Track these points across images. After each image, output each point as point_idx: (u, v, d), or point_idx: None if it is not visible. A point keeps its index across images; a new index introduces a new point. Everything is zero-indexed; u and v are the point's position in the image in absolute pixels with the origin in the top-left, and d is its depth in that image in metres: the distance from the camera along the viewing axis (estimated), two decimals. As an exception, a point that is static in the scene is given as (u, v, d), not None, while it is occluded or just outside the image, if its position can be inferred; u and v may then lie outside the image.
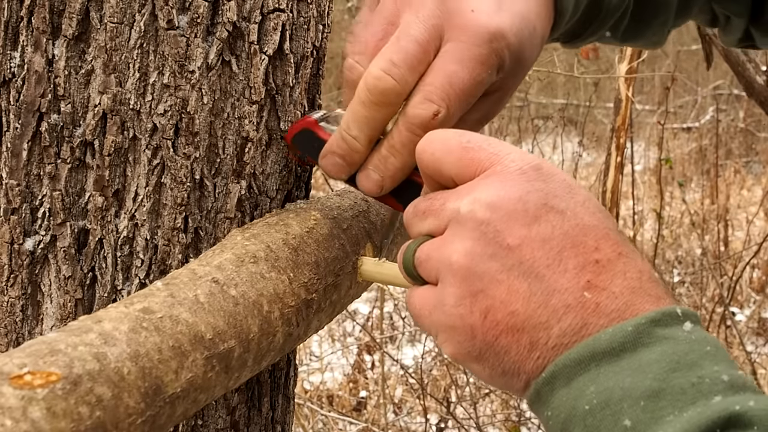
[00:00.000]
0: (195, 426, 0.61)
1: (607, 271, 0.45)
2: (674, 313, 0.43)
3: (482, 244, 0.46)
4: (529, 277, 0.45)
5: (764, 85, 2.54)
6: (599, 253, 0.45)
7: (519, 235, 0.45)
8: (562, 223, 0.46)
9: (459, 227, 0.47)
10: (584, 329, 0.44)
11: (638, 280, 0.45)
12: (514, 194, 0.46)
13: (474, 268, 0.46)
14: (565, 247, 0.45)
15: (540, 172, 0.47)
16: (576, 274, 0.45)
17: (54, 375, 0.39)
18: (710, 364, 0.41)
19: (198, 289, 0.49)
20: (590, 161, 6.98)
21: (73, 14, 0.57)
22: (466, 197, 0.47)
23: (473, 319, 0.46)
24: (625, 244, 0.46)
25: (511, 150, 0.48)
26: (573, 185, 0.48)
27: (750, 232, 4.69)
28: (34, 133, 0.59)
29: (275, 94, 0.62)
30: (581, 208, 0.46)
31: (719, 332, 3.40)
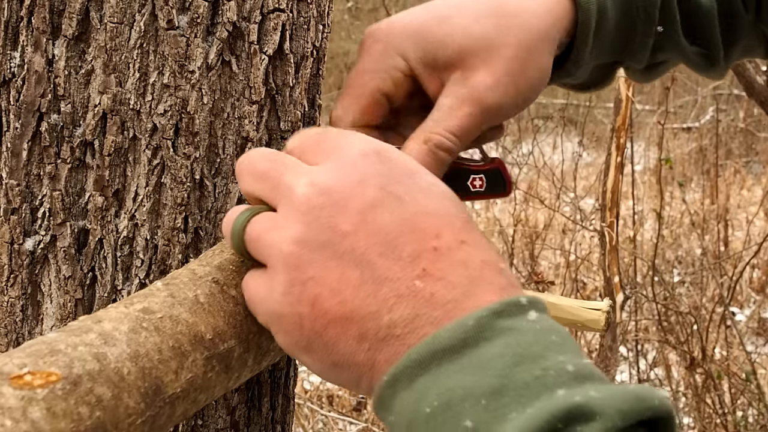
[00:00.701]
0: (195, 426, 0.61)
1: (446, 259, 0.43)
2: (518, 302, 0.41)
3: (314, 230, 0.44)
4: (361, 265, 0.43)
5: (764, 85, 2.54)
6: (438, 241, 0.43)
7: (353, 221, 0.43)
8: (401, 210, 0.44)
9: (292, 209, 0.45)
10: (417, 320, 0.42)
11: (479, 270, 0.43)
12: (352, 178, 0.45)
13: (304, 256, 0.44)
14: (401, 234, 0.43)
15: (381, 156, 0.46)
16: (410, 262, 0.43)
17: (54, 375, 0.39)
18: (555, 355, 0.39)
19: (198, 289, 0.49)
20: (590, 161, 6.98)
21: (73, 14, 0.57)
22: (303, 177, 0.45)
23: (301, 308, 0.44)
24: (470, 232, 0.45)
25: (356, 137, 0.48)
26: (417, 170, 0.46)
27: (750, 232, 4.68)
28: (34, 133, 0.59)
29: (275, 94, 0.62)
30: (423, 194, 0.45)
31: (719, 332, 3.40)
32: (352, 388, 0.46)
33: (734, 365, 3.43)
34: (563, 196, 4.31)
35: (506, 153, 5.38)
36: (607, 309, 0.69)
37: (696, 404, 3.01)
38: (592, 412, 0.36)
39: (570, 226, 4.56)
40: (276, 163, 0.48)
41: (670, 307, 3.31)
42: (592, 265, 4.52)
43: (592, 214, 4.43)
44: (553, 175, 4.33)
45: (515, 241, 4.21)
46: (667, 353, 3.47)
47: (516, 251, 4.28)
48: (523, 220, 4.67)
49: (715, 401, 2.89)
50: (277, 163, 0.48)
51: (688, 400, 3.21)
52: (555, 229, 4.99)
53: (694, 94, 7.67)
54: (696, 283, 4.28)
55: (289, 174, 0.47)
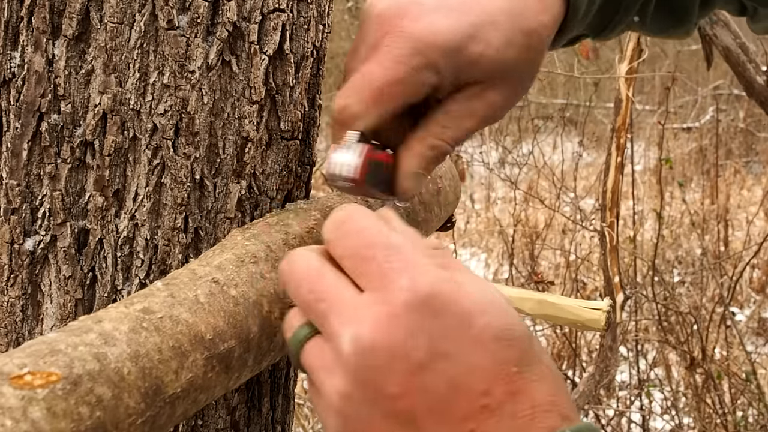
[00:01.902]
0: (195, 426, 0.61)
1: (495, 416, 0.42)
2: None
3: (360, 390, 0.43)
4: (408, 427, 0.43)
5: (764, 85, 2.54)
6: (487, 398, 0.42)
7: (400, 383, 0.43)
8: (448, 369, 0.43)
9: (339, 360, 0.44)
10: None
11: (530, 418, 0.42)
12: (398, 337, 0.43)
13: (352, 411, 0.44)
14: (448, 395, 0.43)
15: (429, 307, 0.43)
16: (458, 424, 0.42)
17: (54, 375, 0.39)
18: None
19: (198, 289, 0.49)
20: (590, 161, 6.98)
21: (73, 14, 0.57)
22: (348, 328, 0.44)
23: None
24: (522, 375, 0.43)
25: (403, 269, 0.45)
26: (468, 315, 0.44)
27: (750, 232, 4.68)
28: (34, 133, 0.59)
29: (275, 94, 0.62)
30: (473, 346, 0.43)
31: (719, 332, 3.40)
32: None
33: (734, 365, 3.43)
34: (563, 196, 4.31)
35: (506, 153, 5.38)
36: (608, 309, 0.69)
37: (696, 404, 3.01)
38: None
39: (570, 226, 4.56)
40: (318, 296, 0.46)
41: (670, 307, 3.31)
42: (592, 265, 4.52)
43: (592, 214, 4.43)
44: (553, 175, 4.33)
45: (515, 241, 4.21)
46: (667, 353, 3.47)
47: (516, 251, 4.28)
48: (523, 220, 4.67)
49: (715, 401, 2.89)
50: (318, 295, 0.46)
51: (688, 400, 3.21)
52: (555, 229, 4.99)
53: (694, 94, 7.67)
54: (696, 283, 4.28)
55: (334, 316, 0.45)
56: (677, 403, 3.19)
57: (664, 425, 3.13)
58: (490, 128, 6.18)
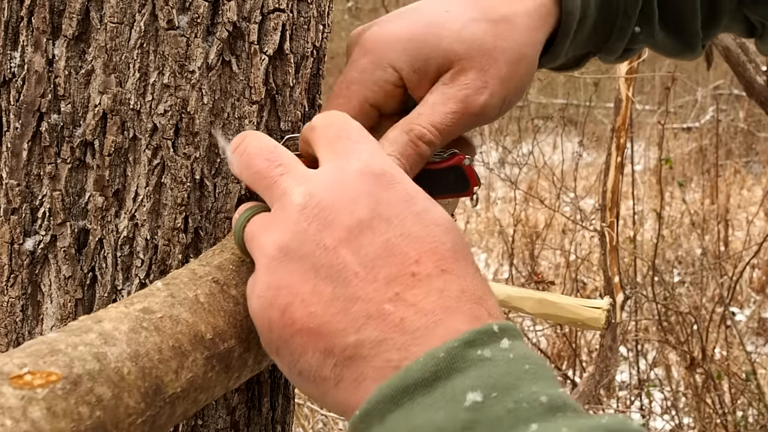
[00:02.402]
0: (195, 426, 0.61)
1: (422, 286, 0.42)
2: (490, 330, 0.41)
3: (299, 240, 0.44)
4: (336, 281, 0.43)
5: (764, 85, 2.54)
6: (417, 267, 0.43)
7: (337, 238, 0.44)
8: (386, 232, 0.44)
9: (283, 213, 0.45)
10: (384, 343, 0.41)
11: (457, 300, 0.42)
12: (346, 196, 0.45)
13: (284, 263, 0.44)
14: (380, 256, 0.43)
15: (379, 178, 0.46)
16: (384, 285, 0.42)
17: (54, 375, 0.39)
18: (528, 385, 0.38)
19: (198, 289, 0.49)
20: (590, 161, 6.98)
21: (73, 14, 0.57)
22: (301, 185, 0.46)
23: (272, 312, 0.44)
24: (456, 260, 0.44)
25: (367, 150, 0.47)
26: (414, 195, 0.46)
27: (750, 232, 4.69)
28: (34, 133, 0.59)
29: (275, 94, 0.62)
30: (414, 219, 0.45)
31: (719, 332, 3.40)
32: (319, 401, 0.46)
33: (734, 365, 3.43)
34: (563, 196, 4.31)
35: (506, 153, 5.38)
36: (608, 307, 0.69)
37: (696, 404, 3.01)
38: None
39: (570, 226, 4.56)
40: (273, 162, 0.48)
41: (670, 307, 3.31)
42: (592, 265, 4.52)
43: (592, 214, 4.43)
44: (553, 175, 4.33)
45: (515, 241, 4.21)
46: (667, 353, 3.47)
47: (516, 251, 4.28)
48: (523, 220, 4.68)
49: (715, 401, 2.90)
50: (274, 162, 0.48)
51: (688, 400, 3.21)
52: (555, 229, 4.99)
53: (694, 94, 7.67)
54: (696, 283, 4.28)
55: (286, 177, 0.47)
56: (677, 403, 3.19)
57: (664, 425, 3.13)
58: (490, 128, 6.18)
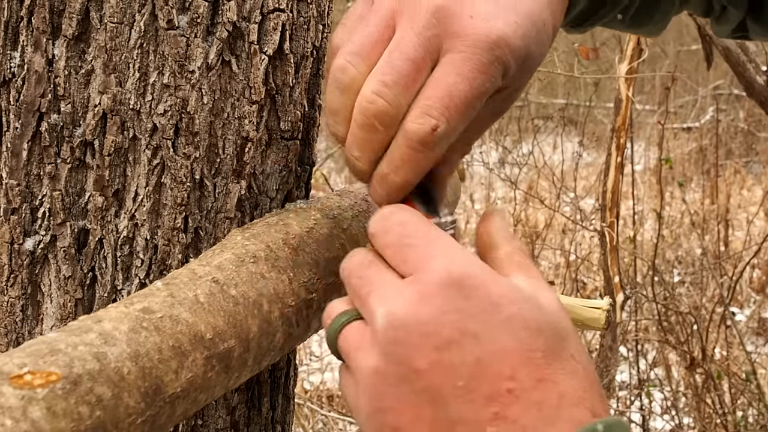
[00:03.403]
0: (195, 426, 0.61)
1: (520, 402, 0.42)
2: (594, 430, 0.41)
3: (392, 365, 0.45)
4: (436, 404, 0.43)
5: (764, 85, 2.54)
6: (513, 382, 0.43)
7: (429, 360, 0.44)
8: (476, 349, 0.43)
9: (372, 337, 0.46)
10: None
11: (556, 408, 0.43)
12: (429, 314, 0.44)
13: (383, 387, 0.45)
14: (475, 375, 0.43)
15: (461, 289, 0.45)
16: (483, 405, 0.43)
17: (54, 375, 0.39)
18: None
19: (198, 289, 0.49)
20: (590, 161, 6.98)
21: (73, 14, 0.57)
22: (383, 305, 0.46)
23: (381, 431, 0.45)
24: (550, 365, 0.44)
25: (441, 254, 0.46)
26: (498, 301, 0.45)
27: (750, 232, 4.69)
28: (34, 133, 0.59)
29: (275, 94, 0.62)
30: (501, 329, 0.44)
31: (719, 332, 3.40)
32: None
33: (734, 365, 3.43)
34: (563, 196, 4.31)
35: (506, 153, 5.38)
36: (608, 307, 0.69)
37: (696, 404, 3.01)
38: None
39: (570, 226, 4.56)
40: (364, 281, 0.48)
41: (670, 307, 3.31)
42: (592, 265, 4.52)
43: (592, 214, 4.43)
44: (553, 175, 4.33)
45: (515, 241, 4.20)
46: (667, 353, 3.47)
47: (516, 251, 4.27)
48: (523, 220, 4.68)
49: (715, 401, 2.89)
50: (364, 280, 0.48)
51: (688, 400, 3.21)
52: (555, 229, 4.99)
53: (694, 94, 7.67)
54: (696, 283, 4.28)
55: (373, 297, 0.47)
56: (677, 403, 3.19)
57: (664, 425, 3.13)
58: (490, 128, 6.17)
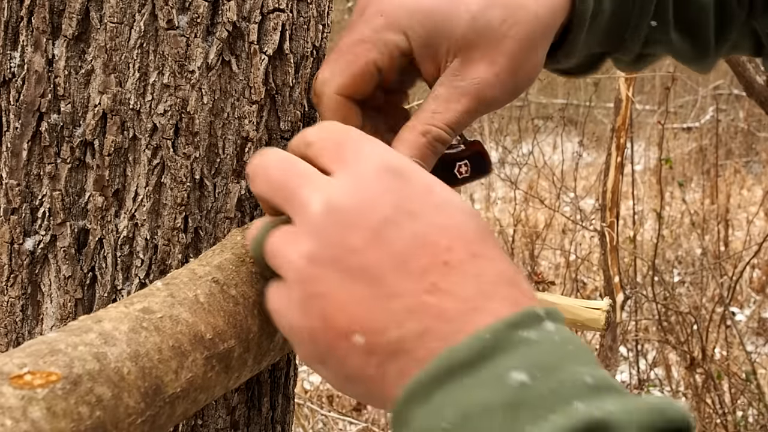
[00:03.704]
0: (195, 426, 0.61)
1: (457, 273, 0.42)
2: (534, 313, 0.41)
3: (326, 247, 0.44)
4: (371, 281, 0.43)
5: (764, 85, 2.54)
6: (449, 254, 0.43)
7: (364, 238, 0.43)
8: (412, 225, 0.43)
9: (306, 225, 0.45)
10: (426, 334, 0.41)
11: (493, 283, 0.42)
12: (366, 195, 0.44)
13: (316, 271, 0.44)
14: (411, 249, 0.43)
15: (397, 174, 0.45)
16: (420, 277, 0.42)
17: (54, 375, 0.39)
18: (572, 366, 0.39)
19: (198, 289, 0.49)
20: (590, 161, 6.98)
21: (73, 14, 0.57)
22: (318, 193, 0.45)
23: (314, 322, 0.44)
24: (485, 244, 0.44)
25: (375, 149, 0.47)
26: (432, 187, 0.46)
27: (750, 232, 4.69)
28: (34, 133, 0.59)
29: (275, 93, 0.62)
30: (437, 210, 0.45)
31: (719, 332, 3.40)
32: (367, 402, 0.46)
33: (734, 365, 3.43)
34: (563, 196, 4.31)
35: (506, 153, 5.38)
36: (607, 308, 0.69)
37: (696, 404, 3.01)
38: (611, 427, 0.35)
39: (570, 226, 4.56)
40: (290, 173, 0.47)
41: (670, 307, 3.31)
42: (592, 265, 4.52)
43: (592, 214, 4.43)
44: (553, 175, 4.33)
45: (515, 241, 4.21)
46: (667, 353, 3.47)
47: (516, 251, 4.28)
48: (523, 220, 4.68)
49: (715, 401, 2.90)
50: (291, 173, 0.47)
51: (688, 400, 3.21)
52: (555, 229, 4.99)
53: (694, 94, 7.67)
54: (696, 283, 4.28)
55: (304, 188, 0.46)
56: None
57: (664, 425, 3.12)
58: (490, 128, 6.18)
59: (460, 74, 0.57)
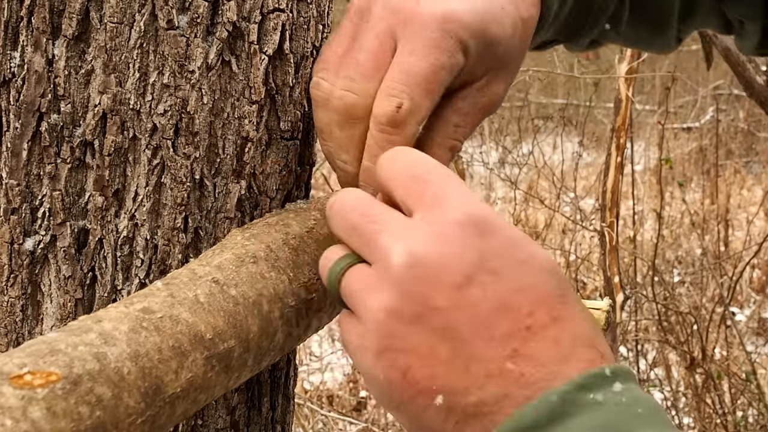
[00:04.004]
0: (195, 426, 0.61)
1: (538, 339, 0.43)
2: (602, 374, 0.41)
3: (408, 303, 0.44)
4: (453, 341, 0.43)
5: (764, 85, 2.54)
6: (531, 319, 0.43)
7: (447, 297, 0.43)
8: (495, 286, 0.43)
9: (387, 275, 0.44)
10: (506, 399, 0.42)
11: (571, 347, 0.43)
12: (449, 251, 0.44)
13: (397, 327, 0.44)
14: (494, 312, 0.43)
15: (480, 228, 0.45)
16: (502, 342, 0.43)
17: (54, 375, 0.39)
18: (641, 428, 0.39)
19: (198, 289, 0.49)
20: (590, 161, 6.98)
21: (73, 14, 0.57)
22: (400, 242, 0.45)
23: (393, 374, 0.44)
24: (565, 305, 0.44)
25: (457, 194, 0.46)
26: (517, 241, 0.45)
27: (750, 232, 4.69)
28: (34, 133, 0.59)
29: (275, 94, 0.62)
30: (520, 269, 0.44)
31: (719, 332, 3.40)
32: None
33: (734, 365, 3.43)
34: (563, 196, 4.31)
35: (506, 153, 5.38)
36: (608, 308, 0.69)
37: (696, 404, 3.01)
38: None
39: (570, 226, 4.56)
40: (369, 218, 0.47)
41: (670, 307, 3.31)
42: (592, 265, 4.52)
43: (592, 214, 4.43)
44: (553, 175, 4.33)
45: (515, 241, 4.20)
46: (667, 353, 3.47)
47: (516, 251, 4.27)
48: (523, 220, 4.68)
49: (715, 401, 2.90)
50: (370, 218, 0.47)
51: (688, 400, 3.21)
52: (555, 229, 4.99)
53: (694, 94, 7.67)
54: (696, 283, 4.28)
55: (385, 235, 0.46)
56: (677, 403, 3.19)
57: (664, 425, 3.12)
58: (490, 128, 6.18)
59: (482, 91, 0.57)
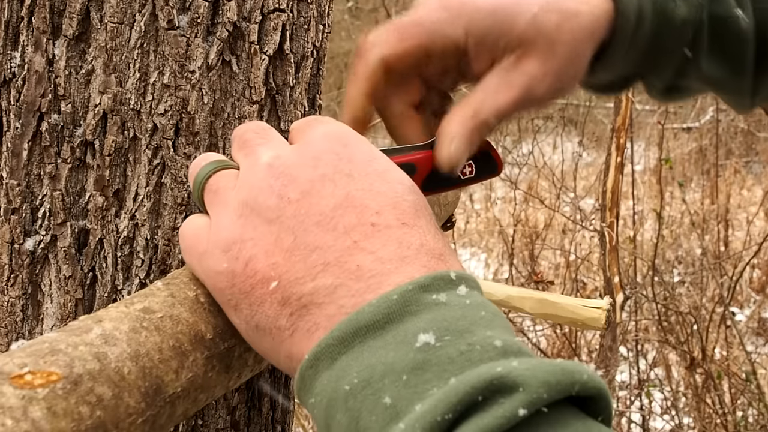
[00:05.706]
0: (195, 426, 0.61)
1: (381, 236, 0.42)
2: (447, 276, 0.40)
3: (264, 195, 0.45)
4: (297, 231, 0.43)
5: (764, 85, 2.54)
6: (377, 217, 0.43)
7: (301, 190, 0.44)
8: (348, 185, 0.44)
9: (251, 174, 0.47)
10: (338, 290, 0.41)
11: (416, 251, 0.42)
12: (310, 153, 0.46)
13: (249, 218, 0.45)
14: (342, 206, 0.44)
15: (343, 139, 0.47)
16: (343, 233, 0.43)
17: (54, 375, 0.39)
18: (483, 330, 0.38)
19: (198, 289, 0.49)
20: (590, 161, 6.98)
21: (73, 14, 0.57)
22: (272, 150, 0.47)
23: (236, 265, 0.44)
24: (417, 217, 0.44)
25: (331, 122, 0.49)
26: (377, 156, 0.47)
27: (750, 232, 4.69)
28: (35, 133, 0.59)
29: (275, 94, 0.62)
30: (375, 176, 0.45)
31: (719, 332, 3.40)
32: (270, 358, 0.46)
33: (734, 365, 3.43)
34: (563, 196, 4.31)
35: (506, 153, 5.38)
36: (608, 307, 0.69)
37: (696, 404, 3.01)
38: (515, 383, 0.34)
39: (570, 226, 4.56)
40: (259, 136, 0.50)
41: (670, 307, 3.31)
42: (592, 265, 4.52)
43: (592, 214, 4.43)
44: (553, 175, 4.33)
45: (515, 241, 4.21)
46: (667, 353, 3.47)
47: (516, 251, 4.28)
48: (523, 220, 4.68)
49: (715, 401, 2.90)
50: (260, 135, 0.50)
51: (688, 400, 3.21)
52: (555, 229, 4.99)
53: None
54: (696, 283, 4.28)
55: (262, 146, 0.48)
56: (677, 403, 3.19)
57: (664, 425, 3.13)
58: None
59: (513, 67, 0.57)
